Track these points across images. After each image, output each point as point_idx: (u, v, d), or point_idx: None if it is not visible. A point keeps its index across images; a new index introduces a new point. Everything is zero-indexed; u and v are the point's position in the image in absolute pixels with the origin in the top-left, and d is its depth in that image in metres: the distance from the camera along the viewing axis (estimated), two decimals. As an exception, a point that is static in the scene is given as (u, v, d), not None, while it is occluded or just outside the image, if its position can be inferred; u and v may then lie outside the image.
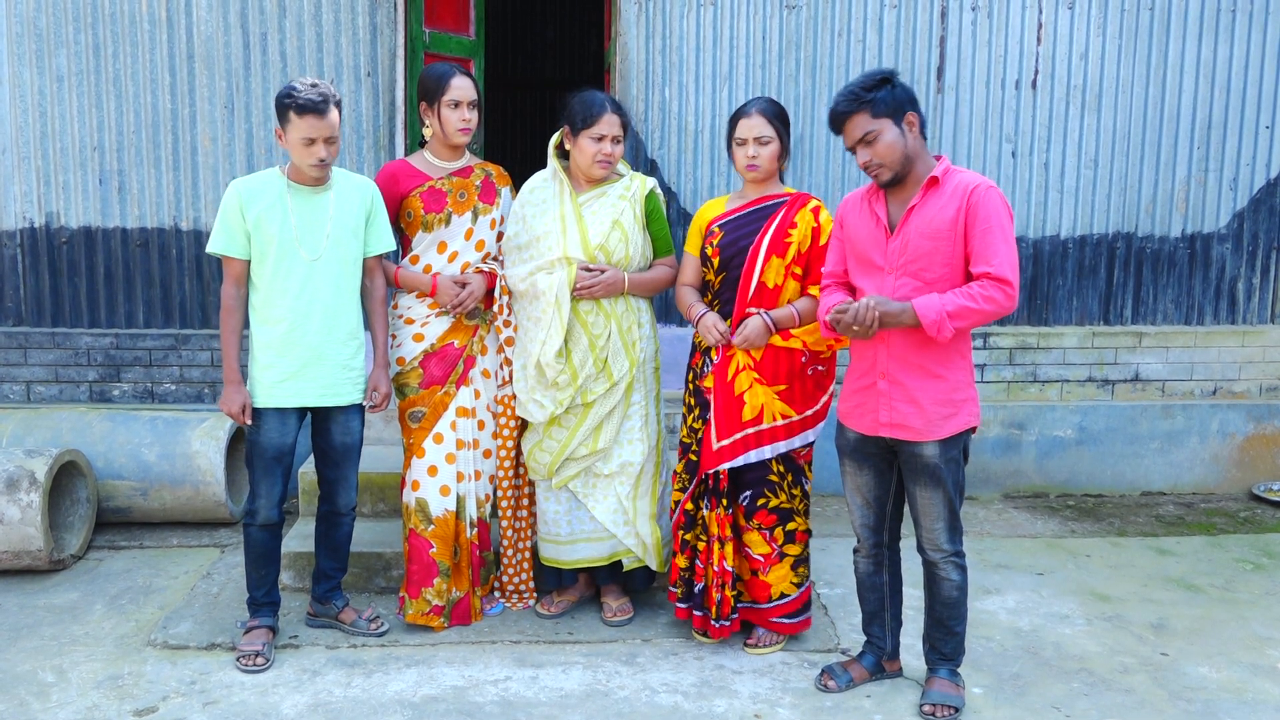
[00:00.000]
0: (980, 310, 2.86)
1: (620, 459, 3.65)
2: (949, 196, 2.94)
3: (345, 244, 3.43)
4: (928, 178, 2.97)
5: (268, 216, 3.34)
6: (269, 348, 3.39)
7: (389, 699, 3.21)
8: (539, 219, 3.59)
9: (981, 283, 2.87)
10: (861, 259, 3.09)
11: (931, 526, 3.11)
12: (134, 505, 4.59)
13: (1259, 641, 3.69)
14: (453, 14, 5.39)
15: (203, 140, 5.04)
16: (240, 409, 3.39)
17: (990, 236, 2.89)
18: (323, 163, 3.31)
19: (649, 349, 3.69)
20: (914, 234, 2.96)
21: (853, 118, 2.95)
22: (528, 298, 3.59)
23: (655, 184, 3.69)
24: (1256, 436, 5.44)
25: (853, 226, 3.13)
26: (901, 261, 2.98)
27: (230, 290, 3.41)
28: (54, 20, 4.94)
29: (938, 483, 3.05)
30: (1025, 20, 5.20)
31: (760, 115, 3.40)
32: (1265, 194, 5.38)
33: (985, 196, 2.91)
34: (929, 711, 3.13)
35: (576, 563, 3.73)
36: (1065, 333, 5.40)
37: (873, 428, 3.08)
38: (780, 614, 3.55)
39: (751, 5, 5.10)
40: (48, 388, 5.16)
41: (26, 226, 5.07)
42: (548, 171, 3.66)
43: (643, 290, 3.65)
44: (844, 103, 2.95)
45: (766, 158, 3.41)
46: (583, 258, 3.53)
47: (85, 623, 3.75)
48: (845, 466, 3.25)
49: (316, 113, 3.24)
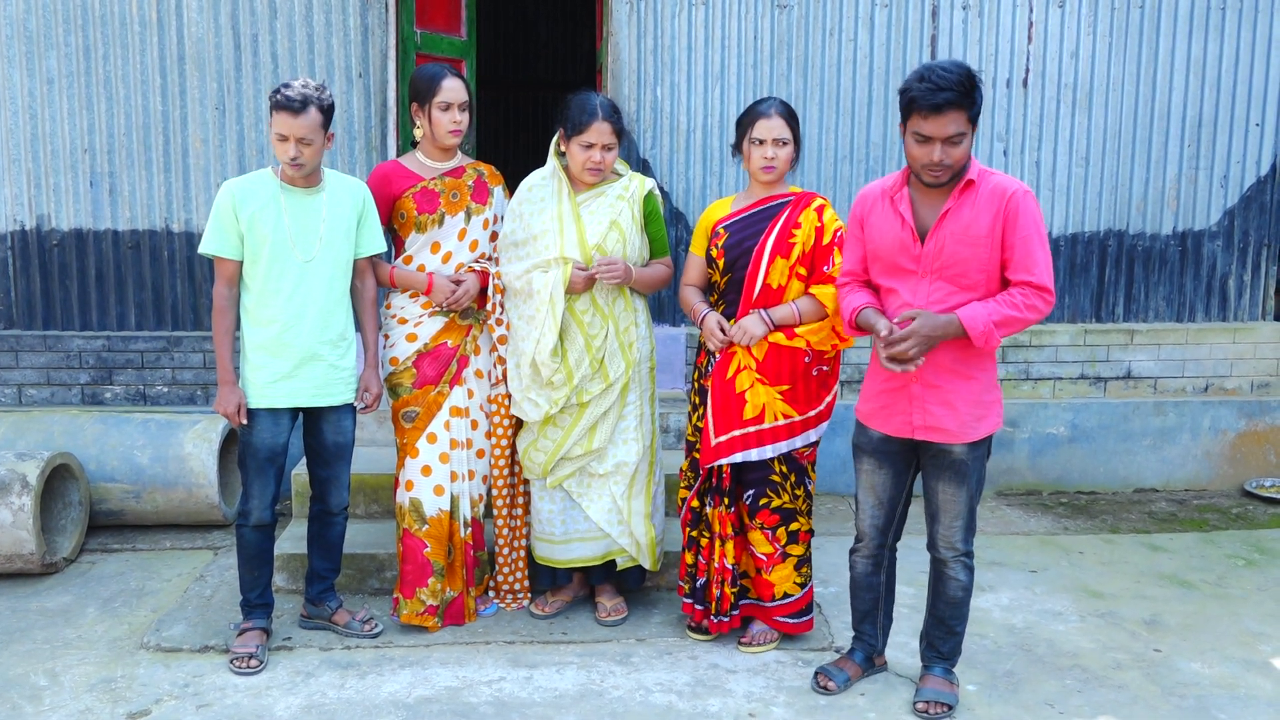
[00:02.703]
0: (1024, 319, 2.85)
1: (615, 459, 3.65)
2: (985, 201, 2.87)
3: (338, 245, 3.43)
4: (964, 180, 2.89)
5: (261, 217, 3.33)
6: (262, 349, 3.39)
7: (383, 700, 3.21)
8: (537, 217, 3.58)
9: (1024, 291, 2.85)
10: (887, 262, 3.01)
11: (950, 524, 3.10)
12: (126, 508, 4.58)
13: (1251, 637, 3.70)
14: (444, 14, 5.38)
15: (194, 142, 5.03)
16: (236, 409, 3.39)
17: (1030, 245, 2.85)
18: (295, 162, 3.29)
19: (645, 349, 3.69)
20: (949, 239, 2.89)
21: (952, 113, 2.75)
22: (522, 296, 3.58)
23: (654, 185, 3.68)
24: (1248, 433, 5.46)
25: (875, 228, 3.03)
26: (936, 266, 2.91)
27: (222, 291, 3.40)
28: (44, 22, 4.92)
29: (963, 480, 3.04)
30: (1016, 19, 5.21)
31: (780, 117, 3.40)
32: (1256, 191, 5.40)
33: (1024, 203, 2.85)
34: (922, 709, 3.13)
35: (571, 562, 3.73)
36: (1057, 330, 5.41)
37: (902, 430, 3.04)
38: (783, 613, 3.56)
39: (743, 5, 5.11)
40: (39, 390, 5.14)
41: (17, 229, 5.05)
42: (547, 170, 3.65)
43: (643, 285, 3.65)
44: (951, 93, 2.72)
45: (784, 160, 3.42)
46: (579, 257, 3.52)
47: (78, 626, 3.74)
48: (863, 465, 3.19)
49: (290, 110, 3.23)
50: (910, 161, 2.90)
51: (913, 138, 2.82)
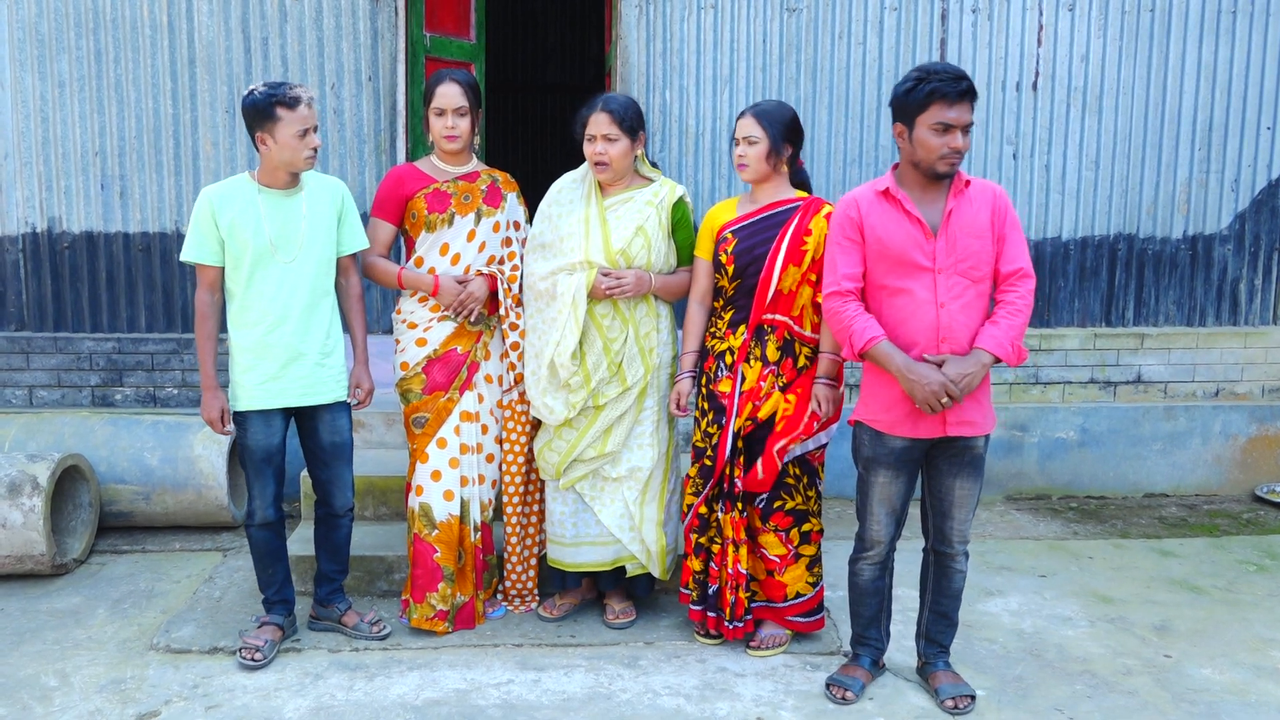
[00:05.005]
0: (1026, 316, 3.03)
1: (629, 463, 3.63)
2: (979, 197, 3.04)
3: (319, 245, 3.45)
4: (955, 178, 3.03)
5: (241, 222, 3.35)
6: (248, 351, 3.40)
7: (391, 702, 3.21)
8: (565, 220, 3.58)
9: (1014, 285, 3.03)
10: (899, 259, 3.01)
11: (964, 519, 3.17)
12: (136, 509, 4.59)
13: (1262, 643, 3.69)
14: (454, 18, 5.39)
15: (204, 145, 5.05)
16: (219, 414, 3.41)
17: (1017, 234, 3.07)
18: (316, 151, 3.37)
19: (666, 355, 3.67)
20: (960, 233, 3.00)
21: (969, 101, 2.96)
22: (546, 298, 3.57)
23: (685, 192, 3.65)
24: (1259, 438, 5.44)
25: (880, 228, 3.03)
26: (951, 261, 2.99)
27: (204, 297, 3.42)
28: (55, 26, 4.95)
29: (977, 473, 3.14)
30: (1026, 22, 5.20)
31: (750, 116, 3.41)
32: (1267, 195, 5.38)
33: (1006, 198, 3.09)
34: (951, 705, 3.16)
35: (580, 566, 3.72)
36: (1067, 334, 5.39)
37: (934, 430, 3.05)
38: (795, 613, 3.56)
39: (752, 8, 5.11)
40: (50, 392, 5.16)
41: (29, 231, 5.08)
42: (578, 173, 3.64)
43: (667, 294, 3.64)
44: (968, 82, 2.95)
45: (752, 157, 3.40)
46: (604, 262, 3.51)
47: (88, 627, 3.76)
48: (878, 477, 3.16)
49: (303, 103, 3.30)
50: (925, 154, 2.97)
51: (933, 129, 2.95)
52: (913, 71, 3.02)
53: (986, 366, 2.97)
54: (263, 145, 3.33)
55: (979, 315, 3.02)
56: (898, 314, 3.03)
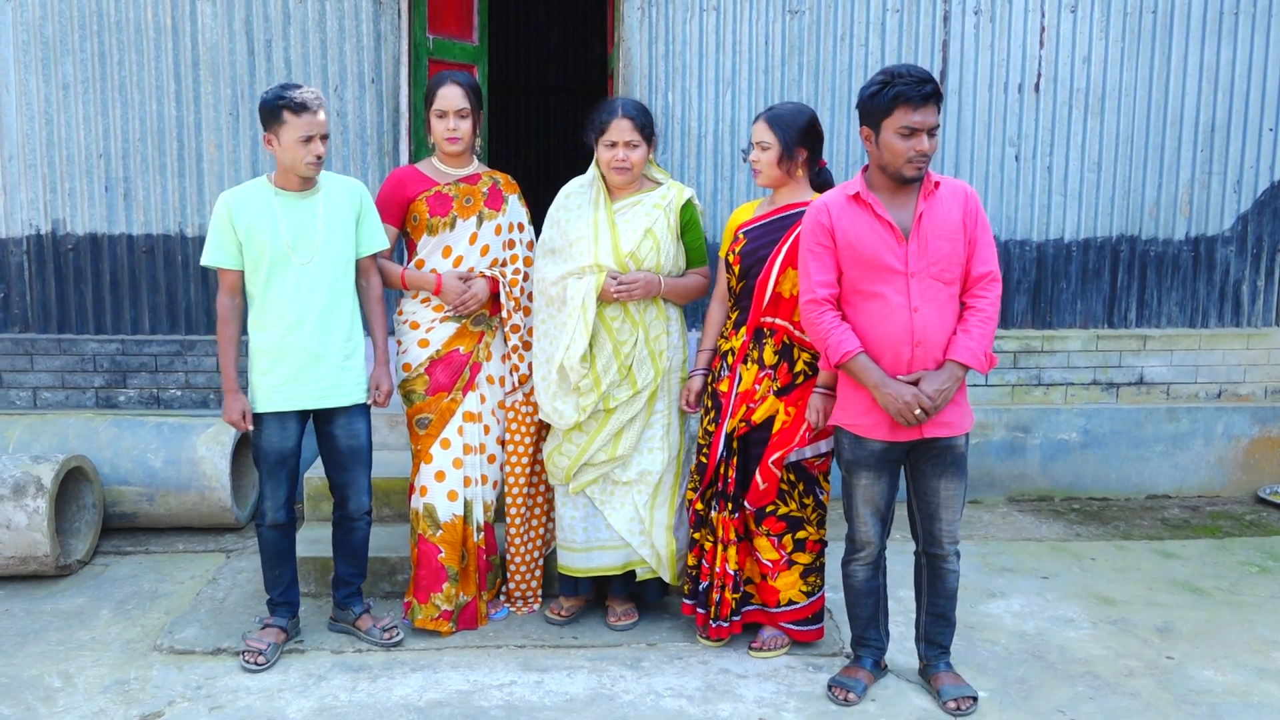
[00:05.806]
0: (995, 322, 3.05)
1: (639, 467, 3.63)
2: (949, 197, 3.04)
3: (337, 246, 3.45)
4: (924, 180, 3.02)
5: (258, 225, 3.35)
6: (266, 353, 3.41)
7: (394, 703, 3.22)
8: (573, 224, 3.58)
9: (984, 292, 3.03)
10: (871, 264, 3.02)
11: (952, 519, 3.18)
12: (140, 511, 4.60)
13: (1265, 645, 3.69)
14: (456, 20, 5.40)
15: (208, 147, 5.06)
16: (241, 416, 3.42)
17: (987, 236, 3.09)
18: (319, 159, 3.35)
19: (676, 358, 3.67)
20: (932, 236, 2.99)
21: (934, 104, 2.93)
22: (556, 303, 3.57)
23: (693, 194, 3.65)
24: (1262, 439, 5.43)
25: (851, 233, 3.04)
26: (923, 264, 2.99)
27: (225, 301, 3.44)
28: (60, 28, 4.96)
29: (961, 472, 3.15)
30: (1028, 24, 5.20)
31: (763, 121, 3.41)
32: (1269, 196, 5.38)
33: (977, 198, 3.08)
34: (954, 707, 3.16)
35: (592, 571, 3.70)
36: (1069, 336, 5.39)
37: (910, 433, 3.06)
38: (789, 619, 3.56)
39: (754, 10, 5.11)
40: (54, 394, 5.18)
41: (33, 233, 5.09)
42: (587, 177, 3.64)
43: (676, 296, 3.64)
44: (932, 85, 2.91)
45: (765, 163, 3.41)
46: (614, 265, 3.51)
47: (91, 628, 3.77)
48: (860, 479, 3.18)
49: (310, 110, 3.29)
50: (892, 158, 2.96)
51: (898, 133, 2.93)
52: (878, 74, 2.99)
53: (960, 378, 3.01)
54: (270, 146, 3.35)
55: (952, 317, 3.04)
56: (871, 318, 3.04)
